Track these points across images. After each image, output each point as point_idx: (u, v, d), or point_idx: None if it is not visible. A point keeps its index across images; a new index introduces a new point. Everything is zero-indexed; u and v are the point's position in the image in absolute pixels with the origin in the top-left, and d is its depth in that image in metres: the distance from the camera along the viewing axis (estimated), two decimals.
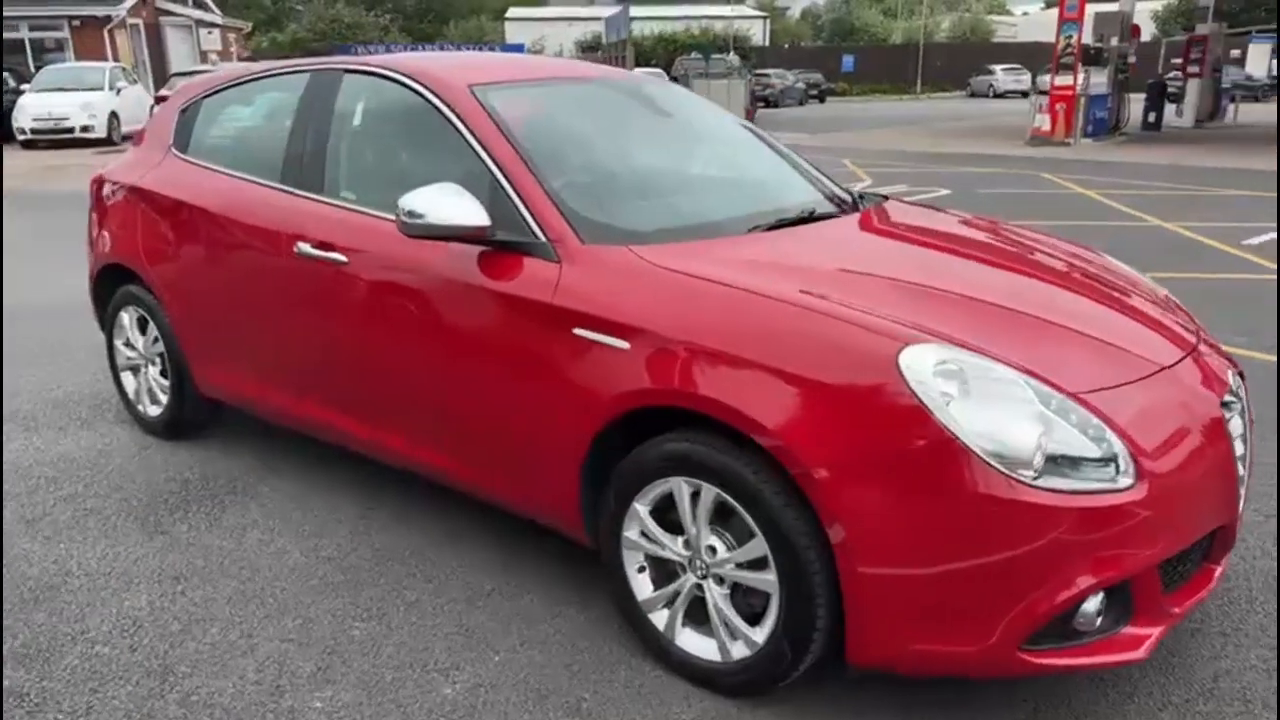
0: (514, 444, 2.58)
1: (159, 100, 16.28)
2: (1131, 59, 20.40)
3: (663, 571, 2.42)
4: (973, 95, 43.63)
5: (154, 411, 3.89)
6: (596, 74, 3.44)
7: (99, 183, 3.98)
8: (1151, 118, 20.72)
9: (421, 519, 3.21)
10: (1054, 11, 21.02)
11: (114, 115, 18.33)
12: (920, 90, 46.17)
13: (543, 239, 2.49)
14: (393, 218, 2.75)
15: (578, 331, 2.36)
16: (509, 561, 2.94)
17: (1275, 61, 36.82)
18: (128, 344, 3.95)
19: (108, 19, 24.05)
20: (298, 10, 50.02)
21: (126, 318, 3.88)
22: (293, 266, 3.03)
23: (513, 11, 53.73)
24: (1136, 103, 20.55)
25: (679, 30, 42.88)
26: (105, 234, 3.86)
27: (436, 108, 2.82)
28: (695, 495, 2.25)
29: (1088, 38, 18.34)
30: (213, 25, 28.35)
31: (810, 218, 2.85)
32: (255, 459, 3.69)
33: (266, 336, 3.24)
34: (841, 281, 2.38)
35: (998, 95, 41.80)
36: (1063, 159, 15.28)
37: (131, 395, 3.99)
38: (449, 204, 2.47)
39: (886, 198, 3.28)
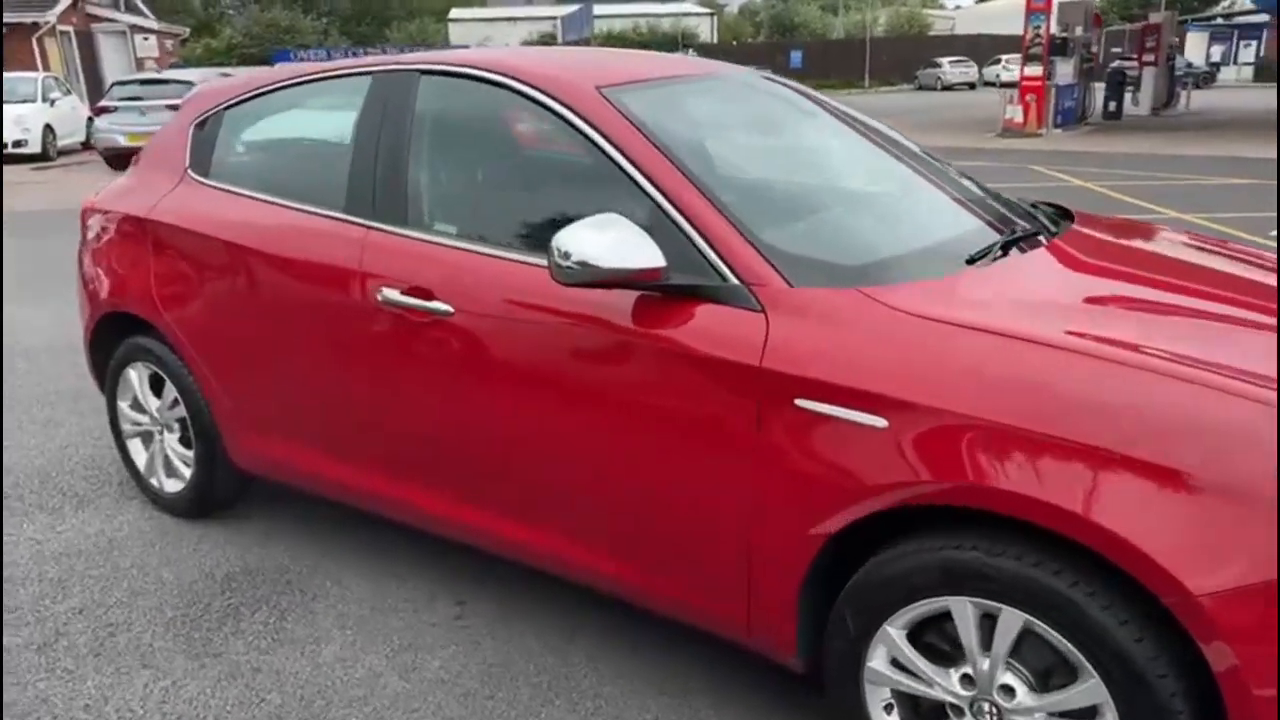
0: (702, 546, 2.02)
1: (98, 112, 15.27)
2: (1095, 48, 20.42)
3: (917, 713, 1.89)
4: (920, 88, 43.77)
5: (173, 487, 3.24)
6: (713, 69, 2.88)
7: (90, 214, 3.31)
8: (1112, 106, 20.77)
9: (533, 615, 2.62)
10: (988, 5, 21.01)
11: (49, 129, 17.19)
12: (869, 84, 46.23)
13: (734, 281, 1.94)
14: (510, 257, 2.21)
15: (802, 404, 1.81)
16: (662, 676, 2.37)
17: (1215, 49, 37.58)
18: (136, 406, 3.29)
19: (35, 26, 22.68)
20: (230, 15, 48.40)
21: (135, 376, 3.22)
22: (370, 316, 2.43)
23: (455, 12, 52.62)
24: (1095, 91, 20.56)
25: (627, 29, 42.35)
26: (104, 276, 3.20)
27: (560, 115, 2.25)
28: (984, 618, 1.72)
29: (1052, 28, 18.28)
30: (148, 31, 26.99)
31: (1016, 241, 2.33)
32: (306, 544, 3.07)
33: (331, 399, 2.63)
34: (1132, 323, 1.87)
35: (945, 88, 41.99)
36: (1042, 150, 15.10)
37: (142, 467, 3.33)
38: (618, 242, 1.91)
39: (1066, 210, 2.77)
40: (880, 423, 1.73)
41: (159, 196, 3.04)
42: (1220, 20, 40.52)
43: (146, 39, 26.11)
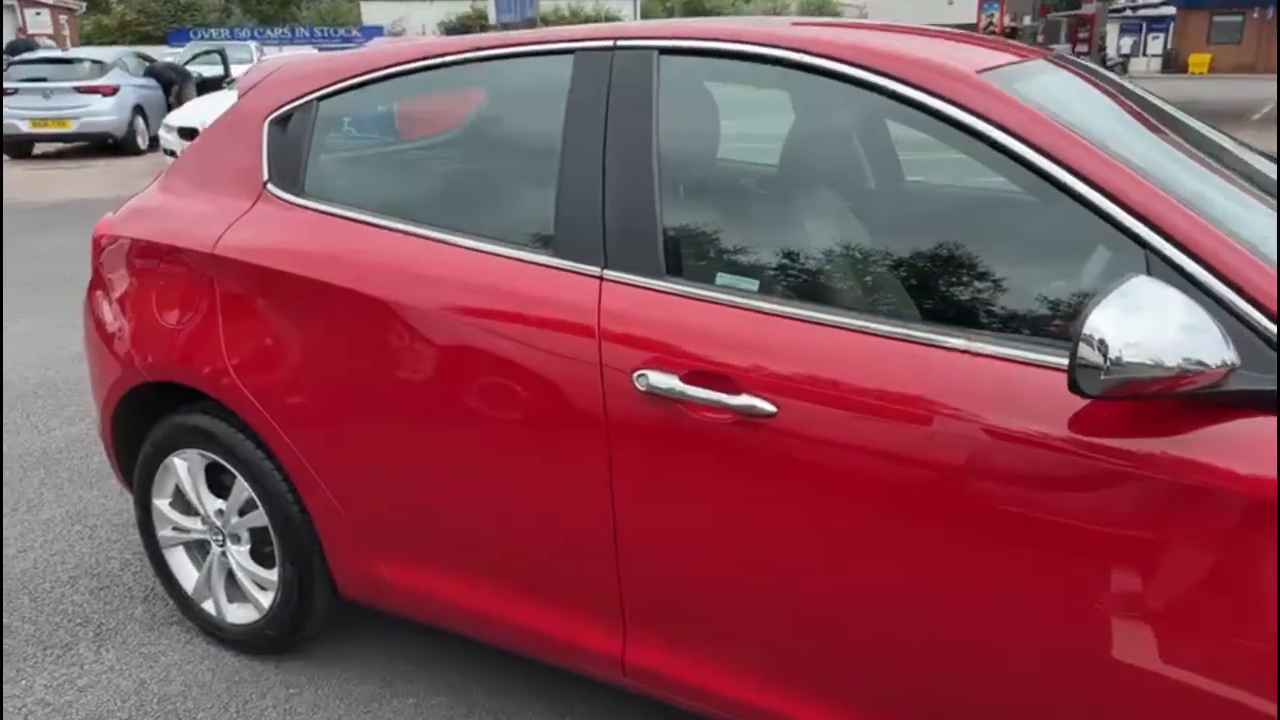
0: None
1: None
2: (1039, 37, 20.44)
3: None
4: None
5: (240, 615, 2.37)
6: (1025, 49, 2.13)
7: (111, 245, 2.40)
8: None
9: None
10: None
11: None
12: None
13: None
14: (861, 325, 1.46)
15: None
16: None
17: (1125, 40, 38.63)
18: (183, 507, 2.41)
19: None
20: None
21: (184, 467, 2.34)
22: (614, 405, 1.64)
23: None
24: None
25: (547, 10, 41.09)
26: (137, 331, 2.30)
27: (945, 117, 1.49)
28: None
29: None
30: (40, 5, 24.66)
31: None
32: (442, 694, 2.25)
33: (527, 518, 1.83)
34: None
35: None
36: None
37: (190, 588, 2.44)
38: (1186, 328, 1.18)
39: None
40: None
41: (226, 222, 2.15)
42: (1129, 12, 41.69)
43: (39, 13, 23.83)
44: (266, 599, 2.30)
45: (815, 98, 1.74)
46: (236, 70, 14.75)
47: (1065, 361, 1.26)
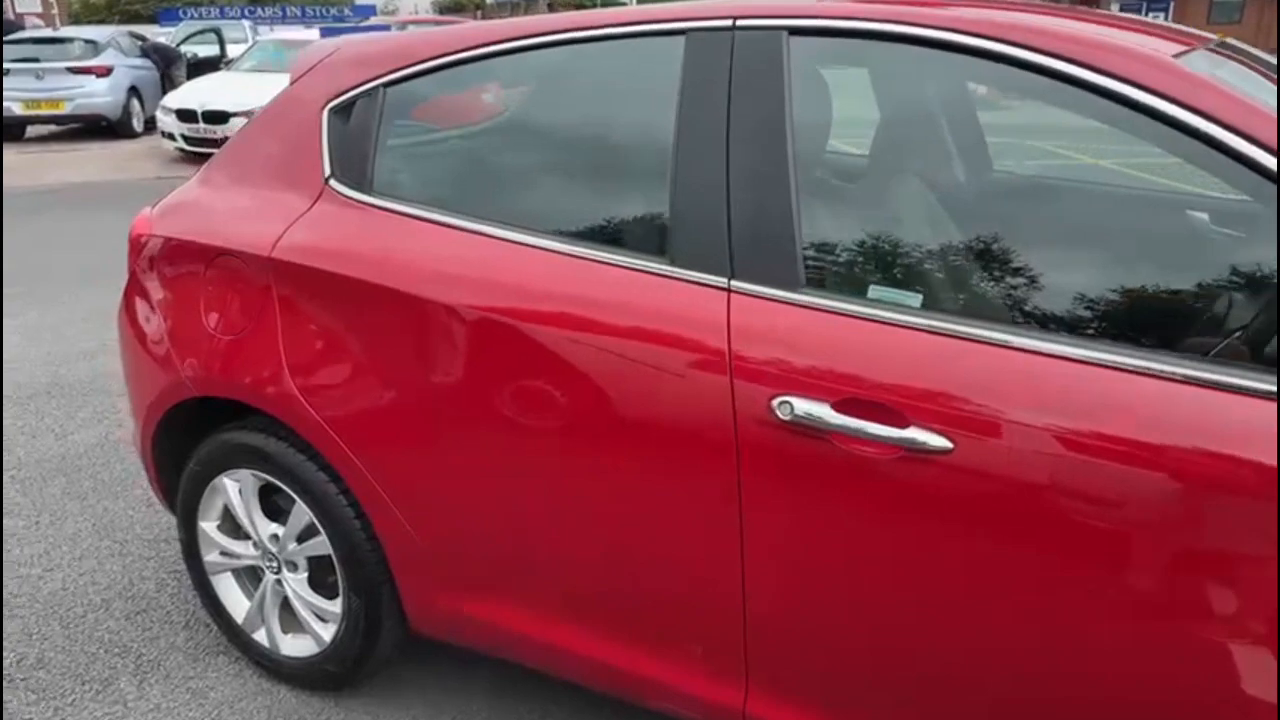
0: None
1: None
2: None
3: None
4: None
5: (297, 648, 2.19)
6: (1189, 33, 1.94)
7: (149, 244, 2.18)
8: None
9: None
10: None
11: None
12: None
13: None
14: (1071, 352, 1.26)
15: None
16: None
17: None
18: (232, 530, 2.22)
19: None
20: None
21: (234, 488, 2.14)
22: (747, 433, 1.45)
23: None
24: None
25: None
26: (183, 340, 2.09)
27: (1157, 113, 1.30)
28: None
29: None
30: None
31: None
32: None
33: (655, 559, 1.64)
34: None
35: None
36: None
37: (240, 617, 2.26)
38: None
39: None
40: None
41: (283, 222, 1.95)
42: None
43: None
44: (327, 632, 2.12)
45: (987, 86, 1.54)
46: (234, 50, 14.45)
47: None
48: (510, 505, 1.76)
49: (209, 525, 2.23)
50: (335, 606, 2.08)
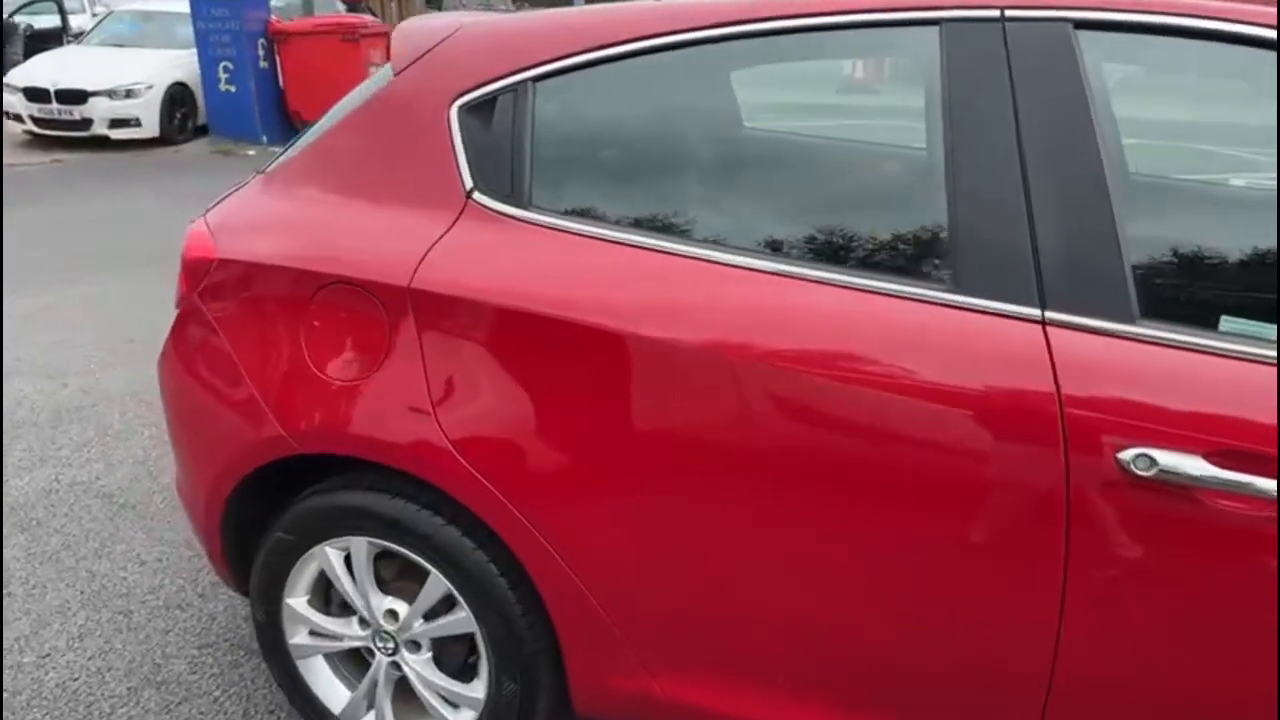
0: None
1: None
2: None
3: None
4: None
5: None
6: None
7: (217, 268, 1.79)
8: None
9: None
10: None
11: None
12: None
13: None
14: None
15: None
16: None
17: None
18: (324, 606, 1.88)
19: None
20: None
21: (338, 558, 1.79)
22: (1103, 497, 1.26)
23: None
24: None
25: None
26: (281, 387, 1.71)
27: None
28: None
29: None
30: None
31: None
32: None
33: (933, 639, 1.43)
34: None
35: None
36: None
37: (336, 708, 1.91)
38: None
39: None
40: None
41: (420, 244, 1.61)
42: None
43: None
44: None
45: None
46: (78, 21, 13.10)
47: None
48: (735, 574, 1.51)
49: (298, 601, 1.87)
50: (473, 690, 1.78)
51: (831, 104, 1.55)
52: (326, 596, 1.91)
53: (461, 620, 1.73)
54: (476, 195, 1.62)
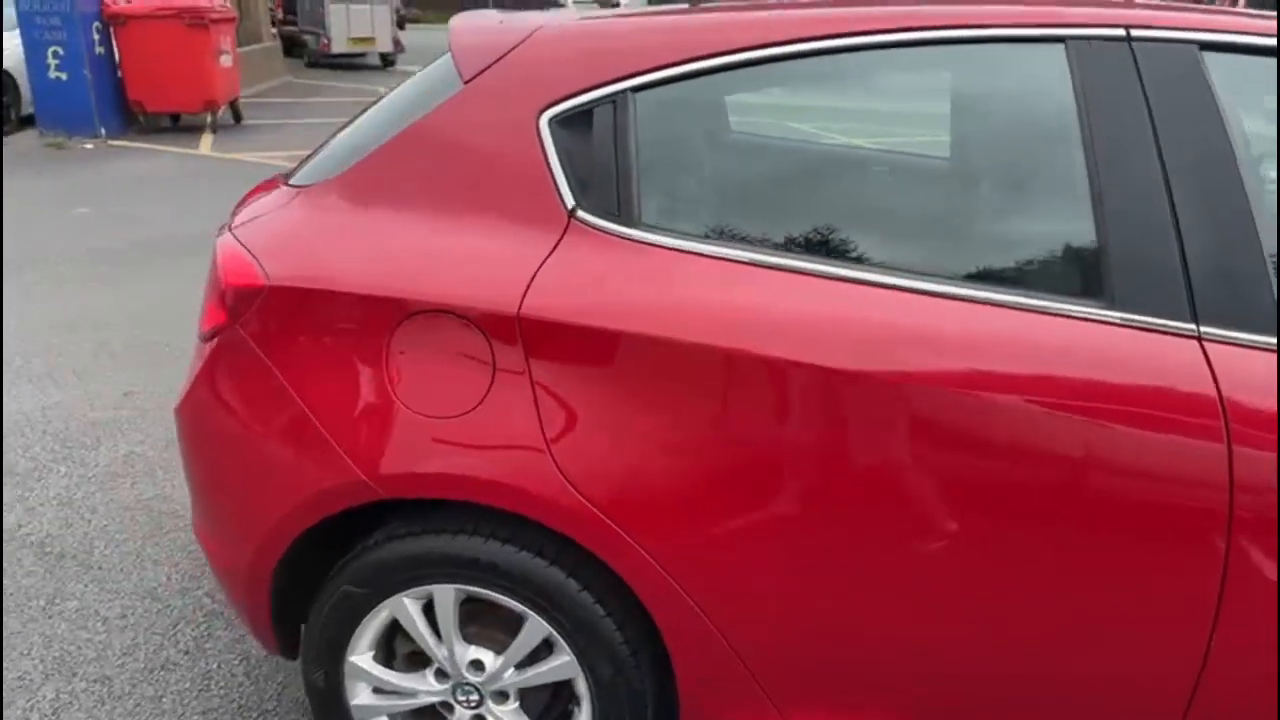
0: None
1: None
2: None
3: None
4: None
5: None
6: None
7: (267, 295, 1.59)
8: None
9: None
10: None
11: None
12: None
13: None
14: None
15: None
16: None
17: None
18: (390, 660, 1.72)
19: None
20: None
21: (416, 608, 1.64)
22: (1264, 505, 1.31)
23: None
24: None
25: None
26: (357, 423, 1.53)
27: None
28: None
29: None
30: None
31: None
32: None
33: (1084, 665, 1.43)
34: None
35: None
36: None
37: None
38: None
39: None
40: None
41: (523, 266, 1.48)
42: None
43: None
44: None
45: None
46: None
47: None
48: (883, 600, 1.47)
49: (362, 658, 1.70)
50: None
51: (965, 121, 1.54)
52: (389, 650, 1.75)
53: (562, 666, 1.62)
54: (580, 213, 1.51)
